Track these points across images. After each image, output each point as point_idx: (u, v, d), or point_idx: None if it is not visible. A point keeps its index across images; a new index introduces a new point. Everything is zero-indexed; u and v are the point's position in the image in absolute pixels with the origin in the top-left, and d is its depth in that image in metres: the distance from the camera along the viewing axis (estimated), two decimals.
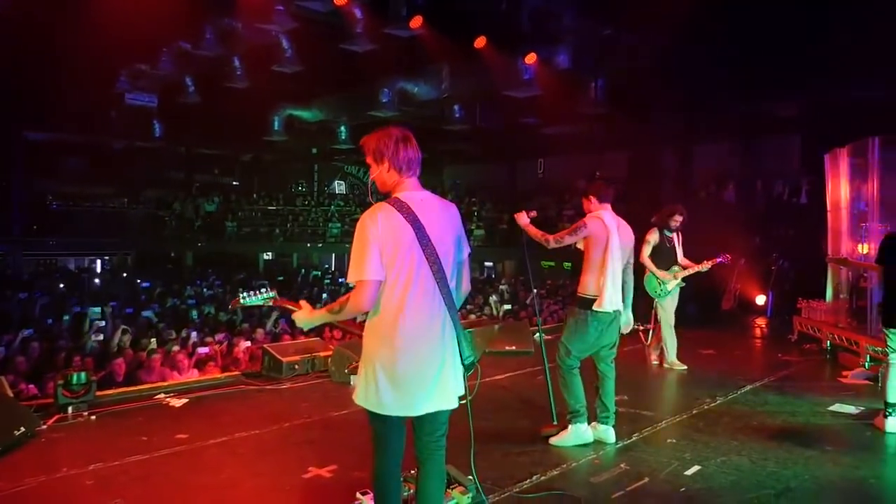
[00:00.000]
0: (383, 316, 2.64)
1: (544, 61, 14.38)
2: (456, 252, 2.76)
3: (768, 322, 10.56)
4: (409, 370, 2.62)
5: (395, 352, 2.62)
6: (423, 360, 2.64)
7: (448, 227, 2.73)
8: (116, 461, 4.16)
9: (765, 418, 5.13)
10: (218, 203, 23.38)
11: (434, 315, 2.65)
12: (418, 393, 2.63)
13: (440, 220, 2.70)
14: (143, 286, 15.46)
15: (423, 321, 2.63)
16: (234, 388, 6.21)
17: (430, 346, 2.64)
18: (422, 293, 2.63)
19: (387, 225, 2.61)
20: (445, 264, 2.67)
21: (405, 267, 2.61)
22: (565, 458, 4.20)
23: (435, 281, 2.65)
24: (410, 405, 2.65)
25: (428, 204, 2.71)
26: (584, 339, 4.36)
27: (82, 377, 5.31)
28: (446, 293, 2.67)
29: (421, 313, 2.63)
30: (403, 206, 2.65)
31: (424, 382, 2.63)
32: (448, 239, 2.71)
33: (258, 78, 17.61)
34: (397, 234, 2.60)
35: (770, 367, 7.08)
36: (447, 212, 2.76)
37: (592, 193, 4.49)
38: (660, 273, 6.76)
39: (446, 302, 2.67)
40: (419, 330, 2.63)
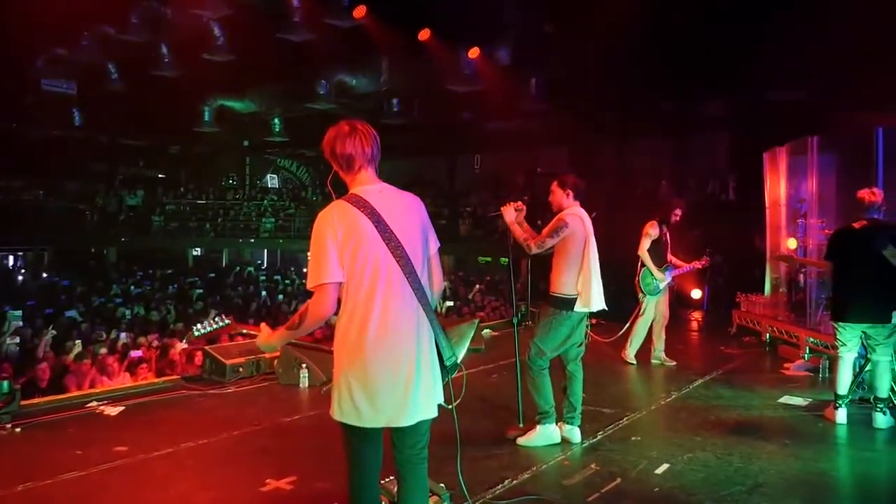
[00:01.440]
0: (350, 321, 2.42)
1: (485, 56, 14.36)
2: (424, 245, 2.55)
3: (704, 315, 10.85)
4: (383, 377, 2.40)
5: (366, 359, 2.39)
6: (398, 366, 2.42)
7: (412, 219, 2.52)
8: (49, 479, 3.78)
9: (720, 412, 5.19)
10: (142, 196, 22.30)
11: (407, 315, 2.44)
12: (397, 402, 2.42)
13: (403, 213, 2.50)
14: (63, 284, 14.52)
15: (394, 322, 2.42)
16: (175, 393, 5.82)
17: (405, 350, 2.43)
18: (391, 292, 2.42)
19: (343, 222, 2.40)
20: (414, 259, 2.46)
21: (369, 265, 2.40)
22: (534, 459, 4.10)
23: (404, 277, 2.44)
24: (391, 416, 2.43)
25: (388, 196, 2.50)
26: (556, 339, 4.26)
27: (4, 386, 4.86)
28: (418, 290, 2.46)
29: (392, 314, 2.41)
30: (360, 200, 2.44)
31: (403, 390, 2.42)
32: (414, 232, 2.50)
33: (188, 66, 16.86)
34: (356, 230, 2.39)
35: (715, 361, 7.23)
36: (410, 203, 2.56)
37: (571, 188, 4.36)
38: (655, 271, 6.69)
39: (419, 300, 2.47)
40: (391, 332, 2.41)
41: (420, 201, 2.63)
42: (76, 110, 20.71)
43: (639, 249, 6.75)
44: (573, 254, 4.22)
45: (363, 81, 17.48)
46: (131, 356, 7.92)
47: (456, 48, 13.78)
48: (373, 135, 2.54)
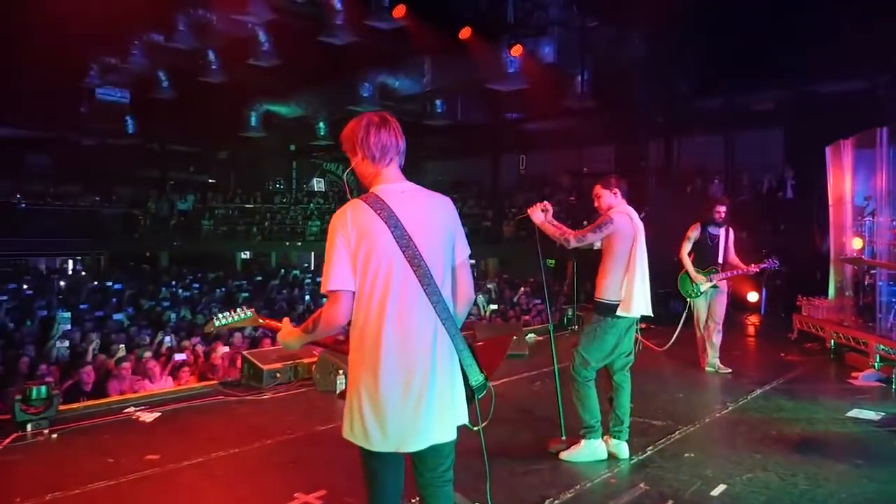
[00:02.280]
0: (363, 333, 2.23)
1: (528, 54, 14.08)
2: (448, 253, 2.33)
3: (762, 320, 10.32)
4: (394, 397, 2.19)
5: (377, 375, 2.20)
6: (411, 385, 2.20)
7: (437, 224, 2.31)
8: (78, 489, 3.71)
9: (783, 426, 4.81)
10: (192, 201, 22.72)
11: (422, 330, 2.23)
12: (408, 425, 2.21)
13: (426, 217, 2.29)
14: (115, 288, 14.82)
15: (408, 338, 2.21)
16: (212, 399, 5.75)
17: (419, 368, 2.21)
18: (405, 304, 2.21)
19: (358, 225, 2.21)
20: (434, 268, 2.25)
21: (381, 273, 2.20)
22: (578, 477, 3.84)
23: (421, 288, 2.23)
24: (401, 440, 2.22)
25: (410, 197, 2.30)
26: (602, 348, 3.98)
27: (42, 391, 4.82)
28: (437, 303, 2.24)
29: (405, 328, 2.21)
30: (378, 201, 2.25)
31: (413, 411, 2.20)
32: (437, 238, 2.29)
33: (234, 72, 17.13)
34: (370, 234, 2.20)
35: (775, 369, 6.79)
36: (436, 206, 2.35)
37: (617, 187, 4.08)
38: (693, 274, 6.50)
39: (439, 313, 2.25)
40: (404, 348, 2.20)
41: (450, 204, 2.41)
42: (129, 118, 21.29)
43: (678, 254, 6.61)
44: (619, 254, 3.94)
45: (406, 83, 17.38)
46: (174, 360, 7.93)
47: (498, 46, 13.53)
48: (401, 128, 2.38)
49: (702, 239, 6.51)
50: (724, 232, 6.53)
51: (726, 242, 6.52)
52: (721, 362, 6.64)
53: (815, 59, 11.71)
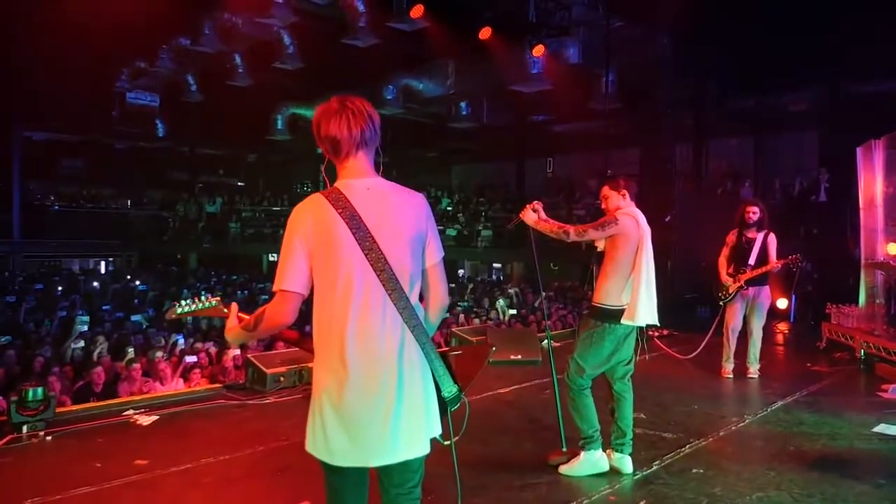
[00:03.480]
0: (324, 339, 2.08)
1: (553, 55, 13.85)
2: (418, 256, 2.15)
3: (791, 328, 9.93)
4: (358, 407, 2.04)
5: (340, 382, 2.04)
6: (377, 395, 2.04)
7: (405, 224, 2.13)
8: (60, 494, 3.63)
9: (802, 442, 4.53)
10: (220, 204, 22.95)
11: (388, 338, 2.06)
12: (373, 438, 2.05)
13: (393, 216, 2.11)
14: (140, 289, 14.99)
15: (372, 347, 2.05)
16: (214, 402, 5.67)
17: (384, 377, 2.05)
18: (368, 310, 2.05)
19: (316, 222, 2.05)
20: (399, 272, 2.08)
21: (341, 276, 2.04)
22: (576, 492, 3.63)
23: (386, 293, 2.06)
24: (366, 453, 2.07)
25: (376, 195, 2.12)
26: (598, 355, 3.77)
27: (39, 392, 4.77)
28: (404, 309, 2.08)
29: (369, 336, 2.04)
30: (340, 197, 2.07)
31: (381, 423, 2.05)
32: (404, 240, 2.11)
33: (260, 75, 17.25)
34: (329, 233, 2.04)
35: (799, 379, 6.46)
36: (405, 205, 2.16)
37: (626, 188, 3.87)
38: (722, 276, 6.47)
39: (406, 320, 2.08)
40: (368, 357, 2.04)
41: (422, 201, 2.22)
42: (159, 122, 21.60)
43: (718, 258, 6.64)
44: (622, 258, 3.72)
45: (430, 85, 17.29)
46: (186, 362, 7.90)
47: (520, 47, 13.33)
48: (366, 113, 2.14)
49: (737, 242, 6.46)
50: (762, 236, 6.35)
51: (765, 247, 6.29)
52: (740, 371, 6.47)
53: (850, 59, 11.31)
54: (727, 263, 6.51)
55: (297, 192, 25.97)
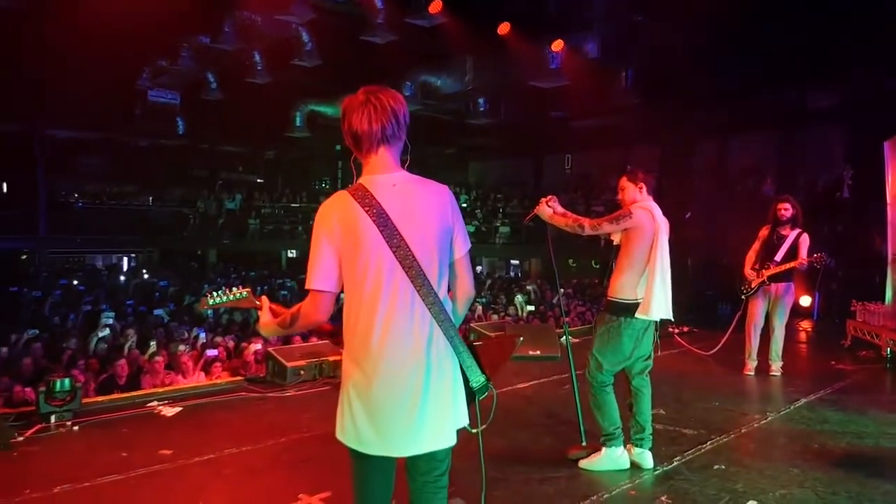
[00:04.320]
0: (354, 333, 2.10)
1: (572, 50, 13.78)
2: (446, 250, 2.15)
3: (815, 325, 9.81)
4: (385, 401, 2.07)
5: (368, 378, 2.07)
6: (403, 389, 2.06)
7: (432, 220, 2.13)
8: (88, 482, 3.70)
9: (826, 440, 4.47)
10: (239, 200, 23.14)
11: (416, 333, 2.08)
12: (401, 430, 2.08)
13: (420, 212, 2.11)
14: (161, 284, 15.17)
15: (400, 340, 2.06)
16: (235, 395, 5.74)
17: (413, 371, 2.07)
18: (396, 306, 2.06)
19: (343, 221, 2.06)
20: (428, 267, 2.08)
21: (370, 273, 2.05)
22: (596, 487, 3.62)
23: (414, 289, 2.07)
24: (393, 444, 2.10)
25: (402, 191, 2.11)
26: (618, 351, 3.75)
27: (66, 383, 4.86)
28: (432, 303, 2.08)
29: (397, 331, 2.06)
30: (366, 195, 2.08)
31: (407, 417, 2.07)
32: (432, 236, 2.11)
33: (279, 73, 17.33)
34: (357, 232, 2.05)
35: (824, 378, 6.38)
36: (432, 200, 2.16)
37: (643, 182, 3.85)
38: (746, 270, 6.44)
39: (434, 314, 2.09)
40: (395, 351, 2.06)
41: (447, 194, 2.21)
42: (180, 119, 21.81)
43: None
44: (637, 252, 3.69)
45: (448, 82, 17.28)
46: (207, 355, 7.99)
47: (538, 42, 13.28)
48: (390, 108, 2.12)
49: (769, 238, 6.41)
50: (795, 234, 6.28)
51: (795, 245, 6.23)
52: (763, 369, 6.41)
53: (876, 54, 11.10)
54: (754, 258, 6.44)
55: (315, 189, 26.10)
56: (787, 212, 6.28)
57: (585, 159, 20.19)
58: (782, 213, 6.30)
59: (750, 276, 6.40)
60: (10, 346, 8.46)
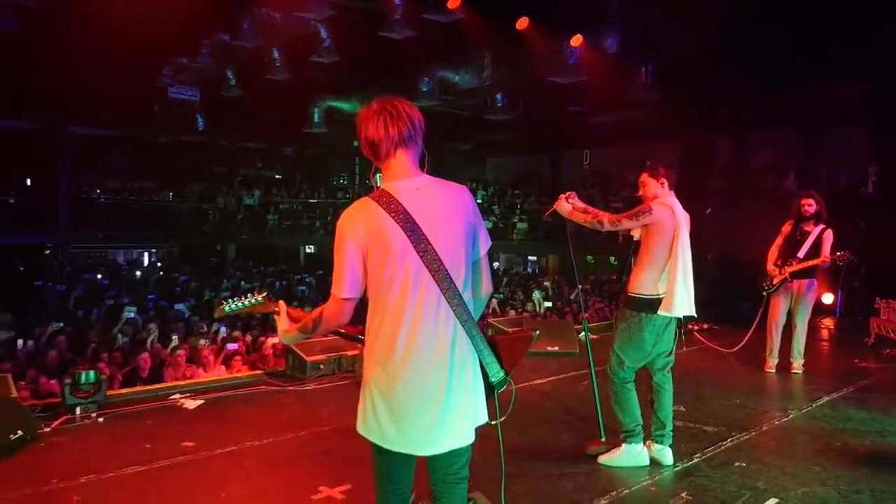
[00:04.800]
0: (378, 335, 2.13)
1: (591, 45, 13.69)
2: (469, 250, 2.18)
3: (837, 323, 9.69)
4: (409, 402, 2.10)
5: (391, 378, 2.10)
6: (428, 390, 2.10)
7: (456, 221, 2.15)
8: (112, 472, 3.77)
9: (849, 438, 4.43)
10: (258, 196, 23.31)
11: (440, 334, 2.11)
12: (423, 429, 2.11)
13: (444, 216, 2.13)
14: (182, 279, 15.35)
15: (425, 343, 2.09)
16: (255, 388, 5.80)
17: (436, 373, 2.10)
18: (423, 310, 2.09)
19: (370, 227, 2.08)
20: (454, 269, 2.11)
21: (398, 278, 2.07)
22: (615, 482, 3.62)
23: (441, 293, 2.09)
24: (415, 442, 2.13)
25: (425, 194, 2.14)
26: (639, 347, 3.74)
27: (91, 376, 4.96)
28: (457, 305, 2.11)
29: (423, 334, 2.09)
30: (391, 200, 2.10)
31: (430, 417, 2.10)
32: (457, 238, 2.14)
33: (297, 69, 17.40)
34: (384, 237, 2.07)
35: (847, 376, 6.30)
36: (453, 200, 2.18)
37: (665, 177, 3.83)
38: (768, 266, 6.37)
39: (458, 315, 2.12)
40: (421, 354, 2.09)
41: (467, 194, 2.24)
42: (199, 116, 21.99)
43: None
44: (657, 248, 3.68)
45: (466, 77, 17.25)
46: (227, 349, 8.08)
47: (557, 37, 13.20)
48: (405, 113, 2.16)
49: (791, 234, 6.31)
50: (818, 230, 6.19)
51: (819, 242, 6.14)
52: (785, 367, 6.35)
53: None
54: (777, 254, 6.37)
55: (332, 185, 26.22)
56: (811, 207, 6.19)
57: (604, 155, 20.10)
58: (806, 209, 6.20)
59: (772, 271, 6.33)
60: (35, 339, 8.62)
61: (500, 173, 23.68)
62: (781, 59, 12.31)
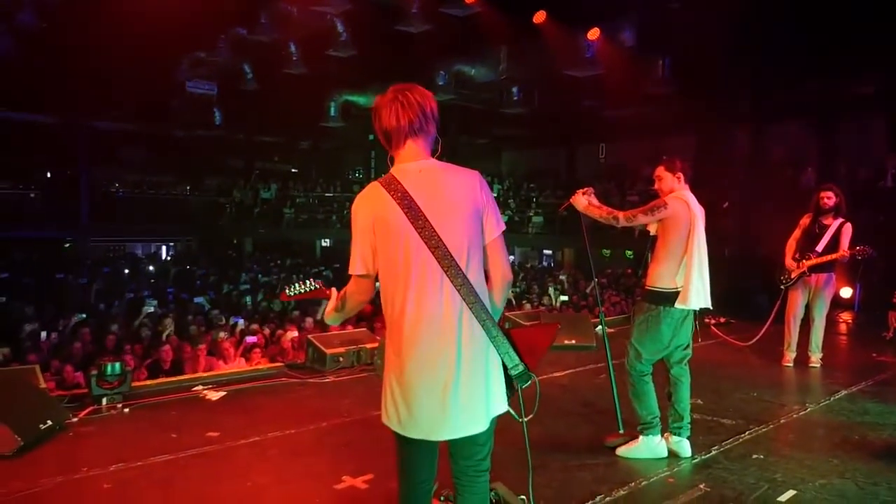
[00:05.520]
0: (390, 315, 2.19)
1: (608, 38, 13.66)
2: (475, 232, 2.19)
3: (856, 317, 9.64)
4: (417, 384, 2.14)
5: (402, 361, 2.16)
6: (435, 371, 2.12)
7: (459, 200, 2.18)
8: (140, 461, 3.86)
9: (867, 432, 4.43)
10: (275, 190, 23.46)
11: (445, 315, 2.12)
12: (432, 413, 2.14)
13: (445, 193, 2.17)
14: (200, 272, 15.52)
15: (429, 323, 2.12)
16: (276, 380, 5.89)
17: (443, 354, 2.12)
18: (425, 288, 2.12)
19: (374, 208, 2.17)
20: (456, 250, 2.13)
21: (399, 256, 2.13)
22: (634, 474, 3.66)
23: (442, 271, 2.12)
24: (425, 427, 2.16)
25: (427, 176, 2.18)
26: (657, 340, 3.78)
27: (116, 367, 5.05)
28: (461, 285, 2.12)
29: (426, 313, 2.12)
30: (392, 182, 2.17)
31: (439, 400, 2.13)
32: (458, 217, 2.16)
33: (314, 63, 17.50)
34: (385, 217, 2.14)
35: (865, 370, 6.29)
36: (458, 183, 2.21)
37: (681, 171, 3.85)
38: (786, 260, 6.35)
39: (464, 297, 2.13)
40: (425, 334, 2.12)
41: (476, 178, 2.24)
42: (217, 110, 22.15)
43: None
44: (674, 242, 3.71)
45: (482, 71, 17.28)
46: (246, 342, 8.19)
47: (574, 30, 13.19)
48: (417, 103, 2.20)
49: (810, 227, 6.28)
50: (837, 224, 6.15)
51: (837, 235, 6.12)
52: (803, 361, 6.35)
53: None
54: (795, 247, 6.35)
55: (348, 178, 26.32)
56: (831, 200, 6.15)
57: (619, 149, 20.01)
58: (825, 202, 6.16)
59: (790, 265, 6.31)
60: (59, 332, 8.78)
61: (515, 167, 23.66)
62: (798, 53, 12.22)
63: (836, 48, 11.86)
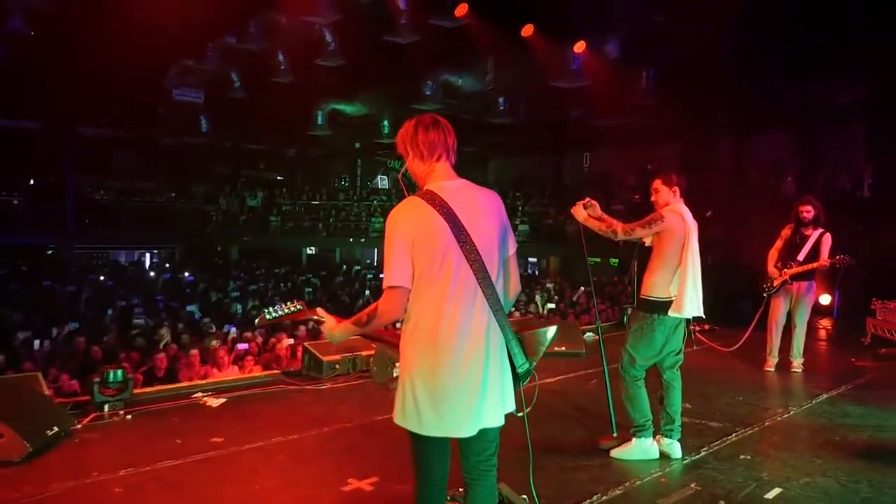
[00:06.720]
0: (420, 324, 2.32)
1: (593, 51, 13.91)
2: (502, 247, 2.43)
3: (835, 324, 9.90)
4: (450, 385, 2.30)
5: (434, 364, 2.30)
6: (466, 374, 2.31)
7: (491, 221, 2.40)
8: (148, 466, 3.96)
9: (847, 433, 4.64)
10: (261, 198, 23.47)
11: (477, 322, 2.32)
12: (462, 411, 2.31)
13: (481, 212, 2.38)
14: (188, 280, 15.51)
15: (464, 329, 2.30)
16: (274, 387, 5.98)
17: (474, 358, 2.31)
18: (462, 298, 2.30)
19: (417, 221, 2.31)
20: (489, 263, 2.34)
21: (441, 269, 2.29)
22: (628, 474, 3.82)
23: (477, 282, 2.32)
24: (454, 425, 2.32)
25: (465, 194, 2.39)
26: (650, 346, 3.95)
27: (118, 374, 5.13)
28: (491, 296, 2.34)
29: (462, 320, 2.30)
30: (436, 198, 2.33)
31: (468, 399, 2.31)
32: (491, 235, 2.38)
33: (302, 72, 17.56)
34: (430, 231, 2.29)
35: (844, 374, 6.53)
36: (488, 202, 2.44)
37: (677, 185, 4.03)
38: (769, 267, 6.57)
39: (491, 306, 2.34)
40: (460, 339, 2.30)
41: (499, 199, 2.50)
42: (203, 117, 22.11)
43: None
44: (669, 253, 3.89)
45: (469, 81, 17.47)
46: (238, 349, 8.27)
47: (561, 43, 13.43)
48: (452, 129, 2.48)
49: (791, 238, 6.53)
50: (817, 234, 6.41)
51: (817, 245, 6.36)
52: (784, 366, 6.57)
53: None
54: (777, 256, 6.57)
55: (334, 186, 26.38)
56: (809, 213, 6.39)
57: (604, 158, 20.31)
58: (804, 216, 6.40)
59: (773, 273, 6.53)
60: (51, 340, 8.80)
61: (501, 175, 23.89)
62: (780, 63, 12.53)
63: (816, 59, 12.17)
